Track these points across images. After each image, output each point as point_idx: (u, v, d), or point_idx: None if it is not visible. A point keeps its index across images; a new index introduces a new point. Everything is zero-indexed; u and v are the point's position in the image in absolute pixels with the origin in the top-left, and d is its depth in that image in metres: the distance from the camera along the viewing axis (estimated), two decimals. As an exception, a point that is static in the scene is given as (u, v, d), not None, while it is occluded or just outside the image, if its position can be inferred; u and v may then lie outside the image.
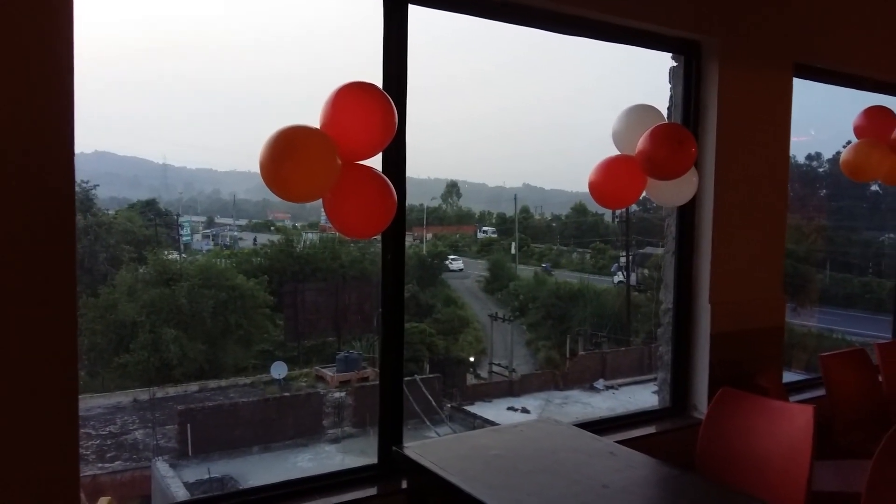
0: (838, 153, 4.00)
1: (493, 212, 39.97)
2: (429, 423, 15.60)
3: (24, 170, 1.86)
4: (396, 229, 2.63)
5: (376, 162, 2.32)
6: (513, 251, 33.29)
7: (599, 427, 3.32)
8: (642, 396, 16.53)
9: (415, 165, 2.68)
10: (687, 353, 3.67)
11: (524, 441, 2.63)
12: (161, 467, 13.54)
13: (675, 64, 3.65)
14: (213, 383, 18.29)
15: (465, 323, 26.53)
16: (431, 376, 18.24)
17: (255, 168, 1.97)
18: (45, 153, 1.89)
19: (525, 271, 31.30)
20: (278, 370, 18.45)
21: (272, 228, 30.50)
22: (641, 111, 2.86)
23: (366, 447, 13.99)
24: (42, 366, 1.90)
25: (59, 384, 1.93)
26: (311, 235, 26.07)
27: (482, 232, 36.61)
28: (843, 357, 3.96)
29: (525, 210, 37.83)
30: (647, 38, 3.43)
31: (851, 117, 3.90)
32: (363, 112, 2.06)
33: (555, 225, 37.77)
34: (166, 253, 22.52)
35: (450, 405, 17.32)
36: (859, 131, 3.89)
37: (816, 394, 4.07)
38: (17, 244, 1.86)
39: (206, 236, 30.21)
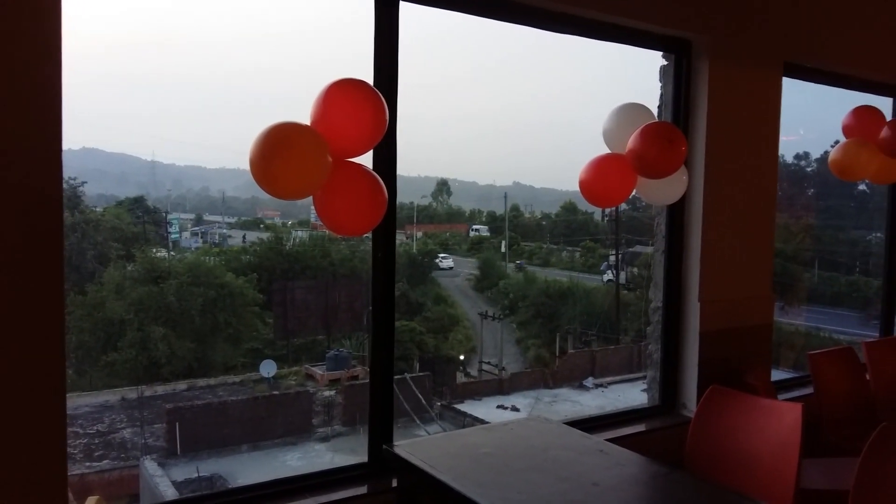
0: (826, 153, 4.02)
1: (484, 210, 39.99)
2: (419, 422, 15.60)
3: (10, 166, 1.84)
4: (387, 227, 2.63)
5: (367, 159, 2.31)
6: (503, 249, 33.30)
7: (589, 425, 3.33)
8: (631, 394, 16.60)
9: (405, 163, 2.68)
10: (676, 351, 3.68)
11: (514, 439, 2.63)
12: (149, 466, 13.48)
13: (665, 63, 3.66)
14: (201, 382, 18.19)
15: (455, 321, 26.53)
16: (421, 375, 18.24)
17: (244, 165, 1.96)
18: (33, 150, 1.87)
19: (509, 269, 31.34)
20: (267, 368, 18.39)
21: (261, 226, 30.38)
22: (632, 110, 2.86)
23: (356, 446, 13.97)
24: (29, 364, 1.88)
25: (46, 382, 1.91)
26: (300, 233, 25.99)
27: (474, 230, 36.61)
28: (832, 355, 3.98)
29: (515, 208, 37.86)
30: (638, 36, 3.44)
31: (840, 117, 3.92)
32: (354, 109, 2.05)
33: (545, 223, 37.81)
34: (154, 250, 22.38)
35: (439, 403, 17.33)
36: (848, 131, 3.92)
37: (804, 392, 4.09)
38: (4, 241, 1.84)
39: (195, 234, 30.04)
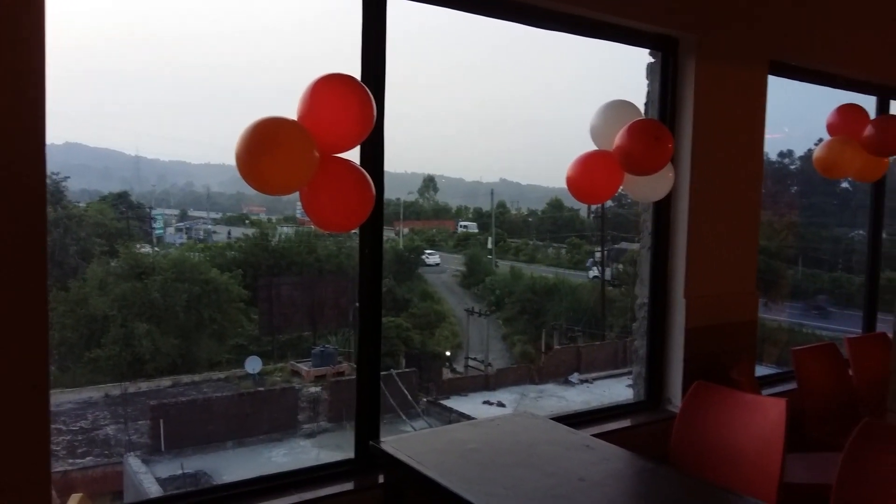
0: (810, 150, 4.06)
1: (470, 206, 40.00)
2: (405, 418, 15.60)
3: (-8, 160, 1.81)
4: (374, 223, 2.62)
5: (354, 155, 2.30)
6: (489, 246, 33.35)
7: (575, 420, 3.34)
8: (616, 390, 16.69)
9: (391, 159, 2.68)
10: (662, 347, 3.70)
11: (501, 435, 2.64)
12: (133, 463, 13.39)
13: (652, 60, 3.67)
14: (186, 378, 18.08)
15: (441, 317, 26.54)
16: (408, 371, 18.24)
17: (229, 161, 1.95)
18: (16, 144, 1.85)
19: (501, 266, 31.39)
20: (252, 365, 18.30)
21: (247, 222, 30.19)
22: (619, 107, 2.87)
23: (341, 442, 13.95)
24: (12, 361, 1.86)
25: (29, 379, 1.89)
26: (286, 229, 25.86)
27: (462, 227, 36.61)
28: (815, 351, 4.02)
29: (502, 205, 37.90)
30: (626, 33, 3.45)
31: (823, 115, 3.96)
32: (341, 104, 2.04)
33: (531, 220, 37.90)
34: (138, 246, 22.19)
35: (425, 399, 17.34)
36: (832, 129, 3.95)
37: (788, 387, 4.13)
38: (-14, 236, 1.82)
39: (180, 229, 29.80)
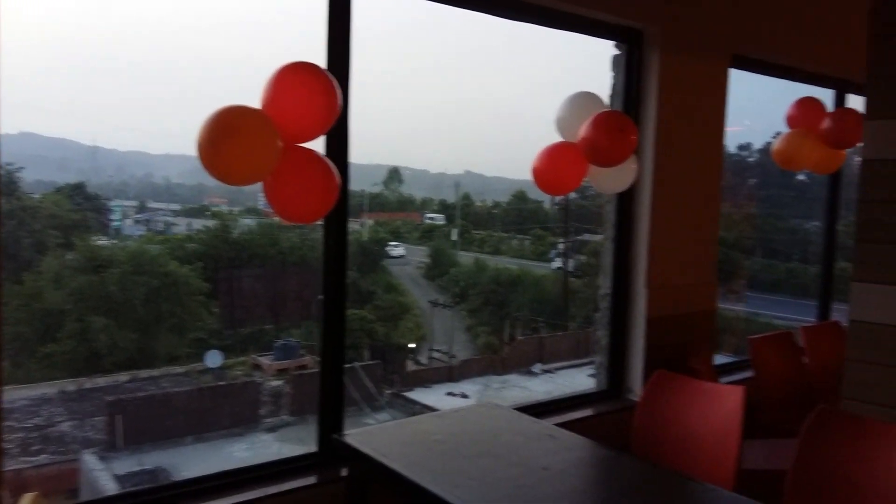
0: (768, 143, 4.14)
1: (435, 198, 39.90)
2: (368, 410, 15.56)
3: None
4: (339, 215, 2.59)
5: (319, 146, 2.26)
6: (454, 237, 33.35)
7: (538, 410, 3.36)
8: (578, 379, 16.85)
9: (356, 151, 2.64)
10: (623, 336, 3.75)
11: (465, 425, 2.64)
12: (89, 460, 13.11)
13: (617, 52, 3.69)
14: (144, 373, 17.73)
15: (405, 309, 26.47)
16: (371, 363, 18.18)
17: (190, 151, 1.90)
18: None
19: (466, 258, 31.43)
20: (213, 359, 18.02)
21: (208, 213, 29.67)
22: (584, 99, 2.89)
23: (304, 436, 13.84)
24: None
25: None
26: (248, 221, 25.49)
27: (428, 219, 36.50)
28: (771, 340, 4.11)
29: (466, 197, 37.89)
30: (591, 25, 3.46)
31: (783, 108, 4.03)
32: (306, 93, 2.00)
33: (496, 212, 37.98)
34: (95, 238, 21.66)
35: (389, 392, 17.31)
36: (791, 121, 4.03)
37: (745, 375, 4.21)
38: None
39: (138, 221, 29.15)
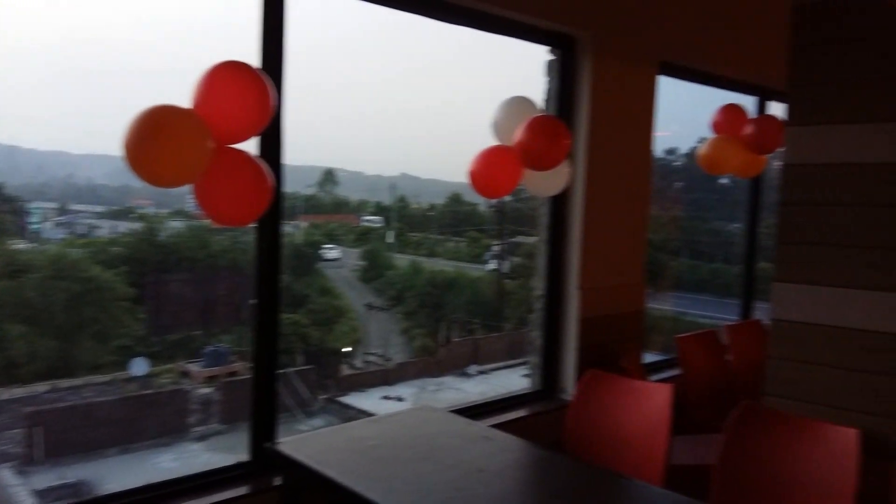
0: (693, 148, 4.29)
1: (371, 200, 39.60)
2: (302, 417, 15.32)
3: None
4: (273, 217, 2.54)
5: (252, 147, 2.21)
6: (389, 240, 33.20)
7: (474, 412, 3.37)
8: (512, 380, 17.01)
9: (290, 152, 2.60)
10: (556, 337, 3.79)
11: (401, 430, 2.63)
12: (6, 475, 12.49)
13: (551, 58, 3.75)
14: (65, 382, 16.93)
15: (340, 313, 26.14)
16: (305, 368, 17.89)
17: (114, 151, 1.83)
18: None
19: (402, 260, 31.35)
20: (138, 367, 17.38)
21: (133, 216, 28.65)
22: (519, 103, 2.92)
23: (234, 444, 13.50)
24: None
25: None
26: (176, 223, 24.75)
27: (365, 221, 36.18)
28: (697, 338, 4.26)
29: (402, 199, 37.79)
30: (524, 29, 3.48)
31: (707, 114, 4.18)
32: (238, 92, 1.96)
33: (432, 214, 38.02)
34: (12, 242, 20.62)
35: (324, 397, 17.07)
36: (716, 127, 4.19)
37: (673, 373, 4.32)
38: None
39: (59, 224, 27.90)
